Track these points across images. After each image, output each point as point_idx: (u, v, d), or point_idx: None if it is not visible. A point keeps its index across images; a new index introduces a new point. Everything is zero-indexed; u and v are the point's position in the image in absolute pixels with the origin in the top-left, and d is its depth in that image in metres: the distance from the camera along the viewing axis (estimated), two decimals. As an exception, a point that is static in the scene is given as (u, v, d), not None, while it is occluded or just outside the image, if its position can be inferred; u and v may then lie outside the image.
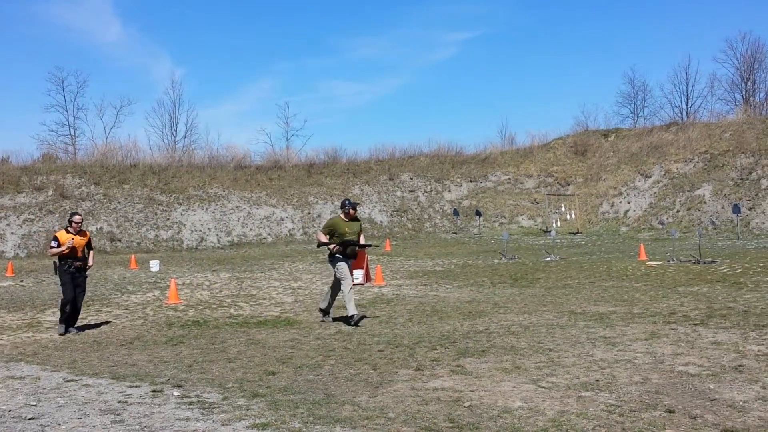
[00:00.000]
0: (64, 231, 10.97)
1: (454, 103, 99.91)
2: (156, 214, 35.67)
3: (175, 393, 6.77)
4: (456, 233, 38.15)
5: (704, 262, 18.26)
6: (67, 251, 10.83)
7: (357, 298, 14.25)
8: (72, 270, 10.90)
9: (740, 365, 7.35)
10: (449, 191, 42.68)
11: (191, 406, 6.26)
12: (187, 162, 41.80)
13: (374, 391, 6.70)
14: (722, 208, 32.31)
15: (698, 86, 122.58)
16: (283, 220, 38.09)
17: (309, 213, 39.01)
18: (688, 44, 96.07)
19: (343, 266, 10.77)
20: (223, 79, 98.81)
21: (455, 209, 40.02)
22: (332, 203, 39.81)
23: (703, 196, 33.79)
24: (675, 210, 34.42)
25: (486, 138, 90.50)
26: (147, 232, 34.03)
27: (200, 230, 35.62)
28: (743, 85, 58.92)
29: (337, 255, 10.79)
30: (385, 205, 40.91)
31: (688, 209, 33.72)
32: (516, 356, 8.09)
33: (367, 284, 16.72)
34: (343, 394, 6.62)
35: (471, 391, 6.61)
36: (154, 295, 15.54)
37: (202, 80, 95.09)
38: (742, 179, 33.22)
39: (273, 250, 31.77)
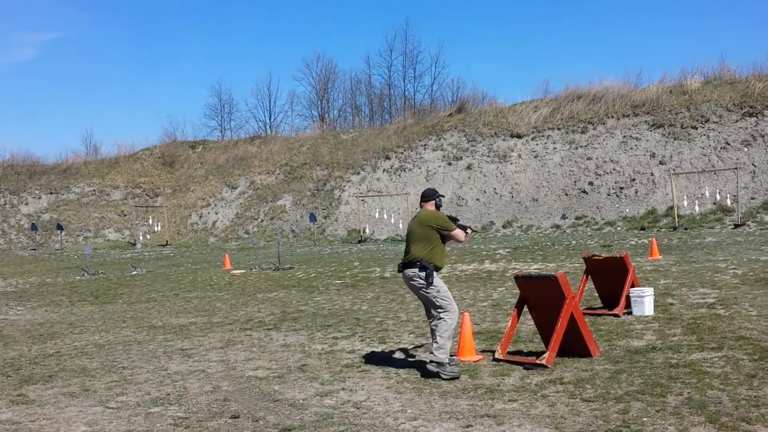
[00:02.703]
0: None
1: (32, 110, 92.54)
2: None
3: None
4: (35, 249, 35.27)
5: (283, 269, 19.42)
6: None
7: None
8: None
9: (304, 365, 7.90)
10: (26, 204, 39.38)
11: None
12: None
13: None
14: (301, 217, 34.75)
15: (280, 102, 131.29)
16: None
17: None
18: (270, 61, 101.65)
19: (447, 289, 7.42)
20: None
21: (33, 223, 36.97)
22: None
23: (285, 206, 35.99)
24: (260, 220, 36.12)
25: (68, 148, 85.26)
26: None
27: None
28: (319, 102, 64.29)
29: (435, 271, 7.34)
30: (-53, 221, 36.22)
31: (271, 219, 35.64)
32: (86, 378, 7.70)
33: None
34: None
35: (31, 421, 6.11)
36: None
37: None
38: (318, 190, 36.10)
39: None
